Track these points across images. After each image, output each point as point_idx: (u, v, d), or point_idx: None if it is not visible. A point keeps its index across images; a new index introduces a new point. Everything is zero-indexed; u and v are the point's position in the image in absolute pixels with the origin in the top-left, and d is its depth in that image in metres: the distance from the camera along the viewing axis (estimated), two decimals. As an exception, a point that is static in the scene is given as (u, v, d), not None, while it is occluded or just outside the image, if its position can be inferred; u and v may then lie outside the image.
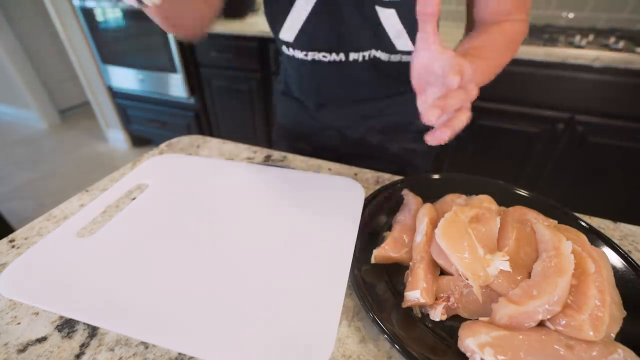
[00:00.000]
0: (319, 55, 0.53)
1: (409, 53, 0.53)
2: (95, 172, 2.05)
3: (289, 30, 0.52)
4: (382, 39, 0.50)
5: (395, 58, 0.53)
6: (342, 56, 0.53)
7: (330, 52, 0.53)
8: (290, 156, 0.56)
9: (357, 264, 0.33)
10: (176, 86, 1.77)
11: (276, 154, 0.57)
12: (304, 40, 0.52)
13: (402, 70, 0.56)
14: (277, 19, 0.53)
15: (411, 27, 0.49)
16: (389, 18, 0.48)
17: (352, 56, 0.53)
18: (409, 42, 0.50)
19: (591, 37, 1.19)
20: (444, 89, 0.30)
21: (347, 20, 0.49)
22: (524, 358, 0.24)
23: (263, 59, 1.53)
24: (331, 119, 0.63)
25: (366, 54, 0.52)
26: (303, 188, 0.44)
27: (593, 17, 1.38)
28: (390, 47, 0.52)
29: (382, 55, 0.53)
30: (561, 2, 1.40)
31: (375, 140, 0.64)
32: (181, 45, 1.63)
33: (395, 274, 0.34)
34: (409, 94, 0.60)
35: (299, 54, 0.54)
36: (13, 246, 0.38)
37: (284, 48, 0.56)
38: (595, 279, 0.28)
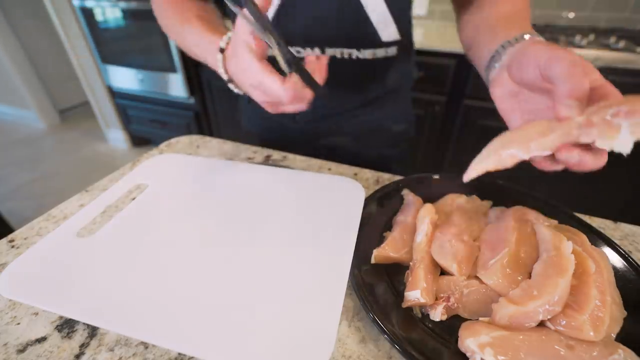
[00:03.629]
0: (292, 50, 0.47)
1: (395, 44, 0.49)
2: (95, 172, 2.04)
3: None
4: (365, 30, 0.46)
5: (380, 53, 0.49)
6: (317, 51, 0.48)
7: (304, 47, 0.47)
8: (290, 156, 0.56)
9: (357, 264, 0.33)
10: (176, 86, 1.77)
11: (276, 154, 0.56)
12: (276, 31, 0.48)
13: (384, 69, 0.52)
14: None
15: (399, 10, 0.44)
16: (374, 3, 0.43)
17: (329, 52, 0.48)
18: (396, 30, 0.46)
19: (591, 37, 1.19)
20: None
21: (323, 7, 0.43)
22: (524, 358, 0.24)
23: (263, 59, 1.52)
24: (303, 128, 0.59)
25: (345, 51, 0.47)
26: (303, 188, 0.44)
27: (593, 17, 1.38)
28: (374, 40, 0.47)
29: (366, 54, 0.48)
30: (561, 2, 1.40)
31: (351, 147, 0.61)
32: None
33: (395, 274, 0.34)
34: (385, 97, 0.57)
35: None
36: (13, 246, 0.38)
37: None
38: (596, 279, 0.28)
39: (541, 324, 0.26)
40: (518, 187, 0.43)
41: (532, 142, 0.26)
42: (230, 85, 0.42)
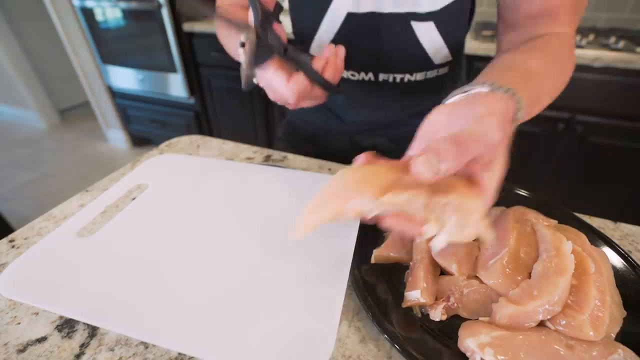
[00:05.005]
0: (346, 73, 0.51)
1: (447, 64, 0.50)
2: (95, 172, 2.04)
3: (318, 47, 0.50)
4: (418, 58, 0.47)
5: (431, 74, 0.50)
6: (370, 76, 0.50)
7: (359, 72, 0.51)
8: (290, 156, 0.56)
9: (357, 264, 0.33)
10: (176, 86, 1.77)
11: (276, 154, 0.56)
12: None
13: (435, 86, 0.53)
14: (304, 35, 0.51)
15: (450, 35, 0.45)
16: (426, 32, 0.44)
17: (382, 77, 0.50)
18: (448, 53, 0.47)
19: (591, 37, 1.19)
20: None
21: (378, 39, 0.45)
22: (524, 358, 0.24)
23: (263, 59, 1.52)
24: (346, 126, 0.61)
25: (398, 76, 0.50)
26: (303, 188, 0.44)
27: (593, 17, 1.38)
28: (427, 64, 0.48)
29: (417, 77, 0.50)
30: (561, 2, 1.40)
31: (387, 150, 0.61)
32: (181, 45, 1.63)
33: (395, 274, 0.34)
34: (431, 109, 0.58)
35: None
36: (13, 246, 0.38)
37: None
38: (596, 279, 0.28)
39: (541, 324, 0.26)
40: (518, 187, 0.43)
41: (387, 193, 0.22)
42: (254, 80, 0.42)
